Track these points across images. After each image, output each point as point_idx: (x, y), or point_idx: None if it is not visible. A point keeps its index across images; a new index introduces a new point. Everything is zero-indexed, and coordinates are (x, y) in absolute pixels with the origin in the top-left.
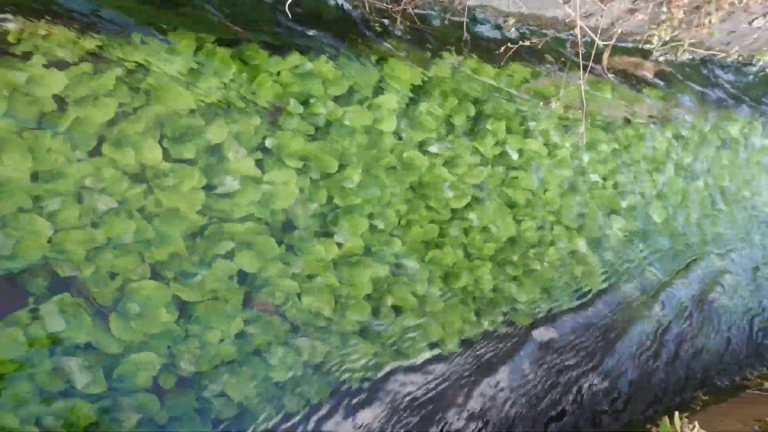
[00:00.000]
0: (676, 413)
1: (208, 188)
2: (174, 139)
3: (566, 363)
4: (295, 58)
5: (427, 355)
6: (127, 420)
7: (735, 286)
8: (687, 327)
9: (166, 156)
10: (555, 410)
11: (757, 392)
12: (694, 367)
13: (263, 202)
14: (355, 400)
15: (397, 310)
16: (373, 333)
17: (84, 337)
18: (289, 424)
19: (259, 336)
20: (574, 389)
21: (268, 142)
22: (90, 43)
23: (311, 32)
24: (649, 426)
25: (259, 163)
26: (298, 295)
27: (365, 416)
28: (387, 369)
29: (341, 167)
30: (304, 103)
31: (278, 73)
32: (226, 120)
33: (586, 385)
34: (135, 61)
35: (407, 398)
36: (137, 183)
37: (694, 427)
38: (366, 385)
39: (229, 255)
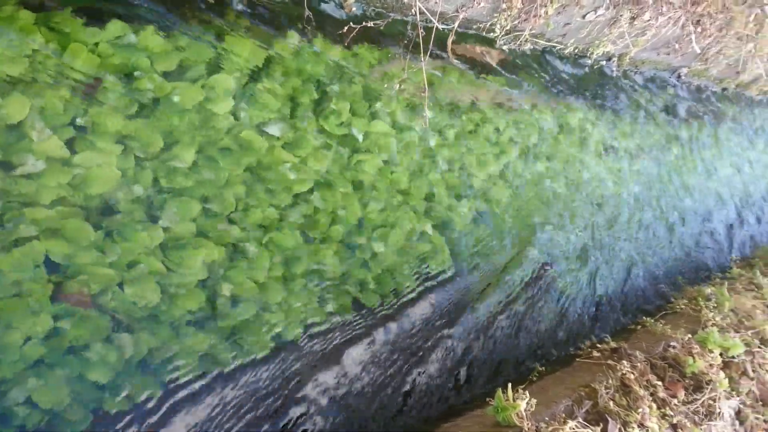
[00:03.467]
0: (509, 384)
1: (6, 169)
2: None
3: (413, 343)
4: (115, 27)
5: (269, 344)
6: None
7: (570, 264)
8: (527, 304)
9: None
10: (403, 391)
11: (587, 360)
12: (532, 341)
13: (76, 184)
14: (186, 397)
15: (235, 298)
16: (209, 323)
17: None
18: (112, 425)
19: (73, 332)
20: (422, 368)
21: (81, 120)
22: None
23: (137, 1)
24: (488, 399)
25: (71, 142)
26: (120, 285)
27: (199, 414)
28: (224, 360)
29: (170, 147)
30: (127, 77)
31: (96, 44)
32: (28, 94)
33: (432, 364)
34: None
35: (245, 392)
36: None
37: (525, 396)
38: (199, 380)
39: (34, 242)
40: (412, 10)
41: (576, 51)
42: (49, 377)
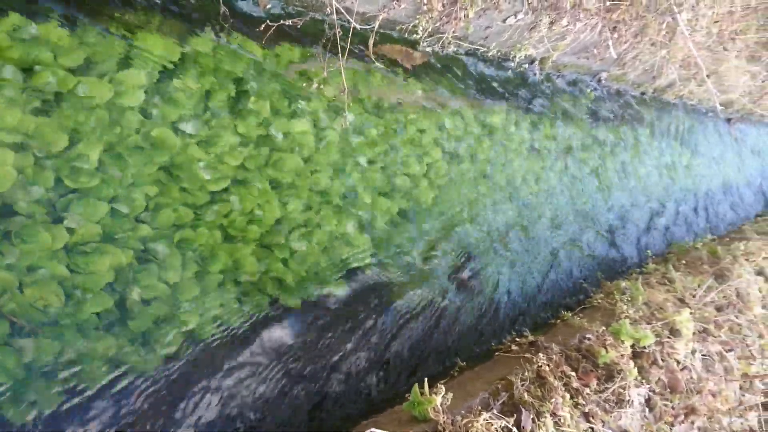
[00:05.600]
0: (426, 379)
1: None
2: None
3: (334, 341)
4: (15, 18)
5: (182, 346)
6: None
7: (493, 262)
8: (450, 301)
9: None
10: (322, 389)
11: (506, 354)
12: (454, 337)
13: None
14: (92, 404)
15: (145, 300)
16: (118, 327)
17: None
18: None
19: None
20: (343, 366)
21: None
22: None
23: None
24: (407, 395)
25: None
26: (19, 289)
27: (104, 419)
28: (134, 364)
29: (74, 145)
30: (28, 71)
31: None
32: None
33: (354, 361)
34: None
35: (154, 396)
36: None
37: (442, 390)
38: (106, 384)
39: None
40: (334, 12)
41: (499, 54)
42: None
